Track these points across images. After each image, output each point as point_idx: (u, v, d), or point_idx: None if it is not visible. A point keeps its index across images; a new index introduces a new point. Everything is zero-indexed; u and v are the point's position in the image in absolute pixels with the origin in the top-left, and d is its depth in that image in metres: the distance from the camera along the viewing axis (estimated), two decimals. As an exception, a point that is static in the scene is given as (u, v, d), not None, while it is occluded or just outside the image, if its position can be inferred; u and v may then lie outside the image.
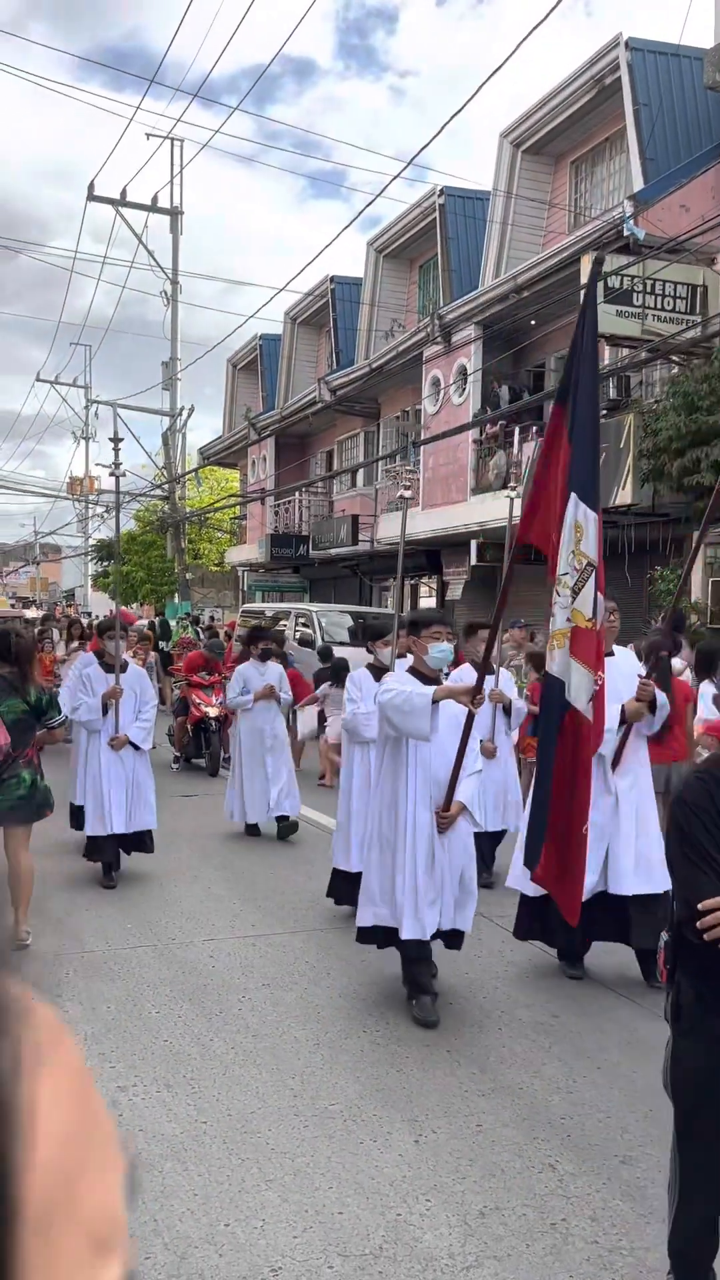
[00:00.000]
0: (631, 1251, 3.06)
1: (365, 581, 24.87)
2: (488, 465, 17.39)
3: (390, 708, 4.61)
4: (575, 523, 4.44)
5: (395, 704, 4.58)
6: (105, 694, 6.93)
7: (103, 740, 6.98)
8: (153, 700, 7.28)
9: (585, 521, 4.44)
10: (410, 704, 4.52)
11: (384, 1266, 2.94)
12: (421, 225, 20.68)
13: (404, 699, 4.55)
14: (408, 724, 4.56)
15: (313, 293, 25.70)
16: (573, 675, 4.47)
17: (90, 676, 7.06)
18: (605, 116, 15.73)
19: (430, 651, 4.81)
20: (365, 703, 6.11)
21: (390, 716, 4.64)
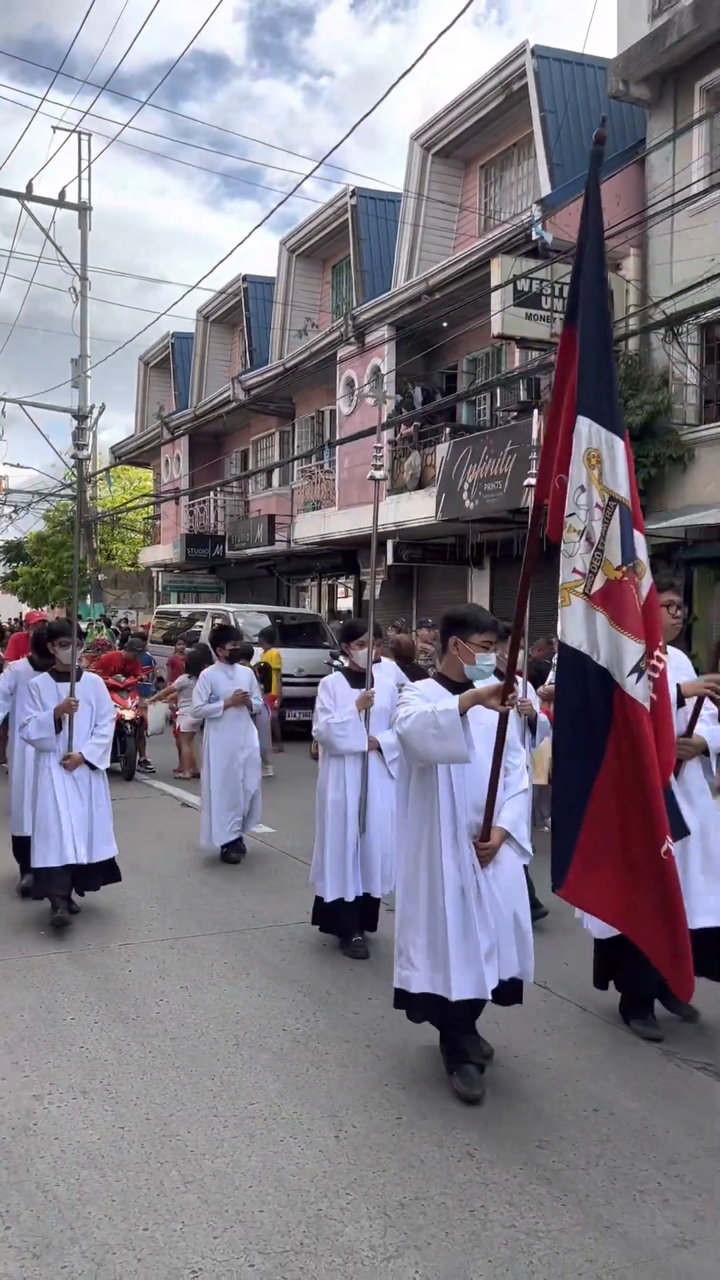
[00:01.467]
0: (548, 1234, 3.12)
1: (283, 581, 24.82)
2: (402, 466, 17.51)
3: (414, 735, 3.78)
4: (589, 451, 3.47)
5: (419, 730, 3.75)
6: (58, 708, 6.04)
7: (54, 760, 6.11)
8: (111, 712, 6.37)
9: (605, 448, 3.47)
10: (439, 725, 3.69)
11: (304, 1262, 2.95)
12: (334, 225, 20.74)
13: (428, 721, 3.73)
14: (441, 748, 3.75)
15: (225, 291, 25.56)
16: (612, 645, 3.46)
17: (38, 688, 6.20)
18: (514, 122, 15.99)
19: (477, 662, 4.00)
20: (339, 711, 5.70)
21: (416, 747, 3.81)
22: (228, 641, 8.17)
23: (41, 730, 6.05)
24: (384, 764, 5.76)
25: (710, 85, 12.72)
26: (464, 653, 4.04)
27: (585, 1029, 4.71)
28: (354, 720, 5.69)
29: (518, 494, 13.66)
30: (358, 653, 5.84)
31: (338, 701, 5.77)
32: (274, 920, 6.34)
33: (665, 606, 4.57)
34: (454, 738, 3.70)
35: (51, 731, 6.06)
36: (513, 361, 15.99)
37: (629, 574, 3.48)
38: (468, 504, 14.78)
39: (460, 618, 4.10)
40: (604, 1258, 3.01)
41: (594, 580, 3.51)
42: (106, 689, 6.48)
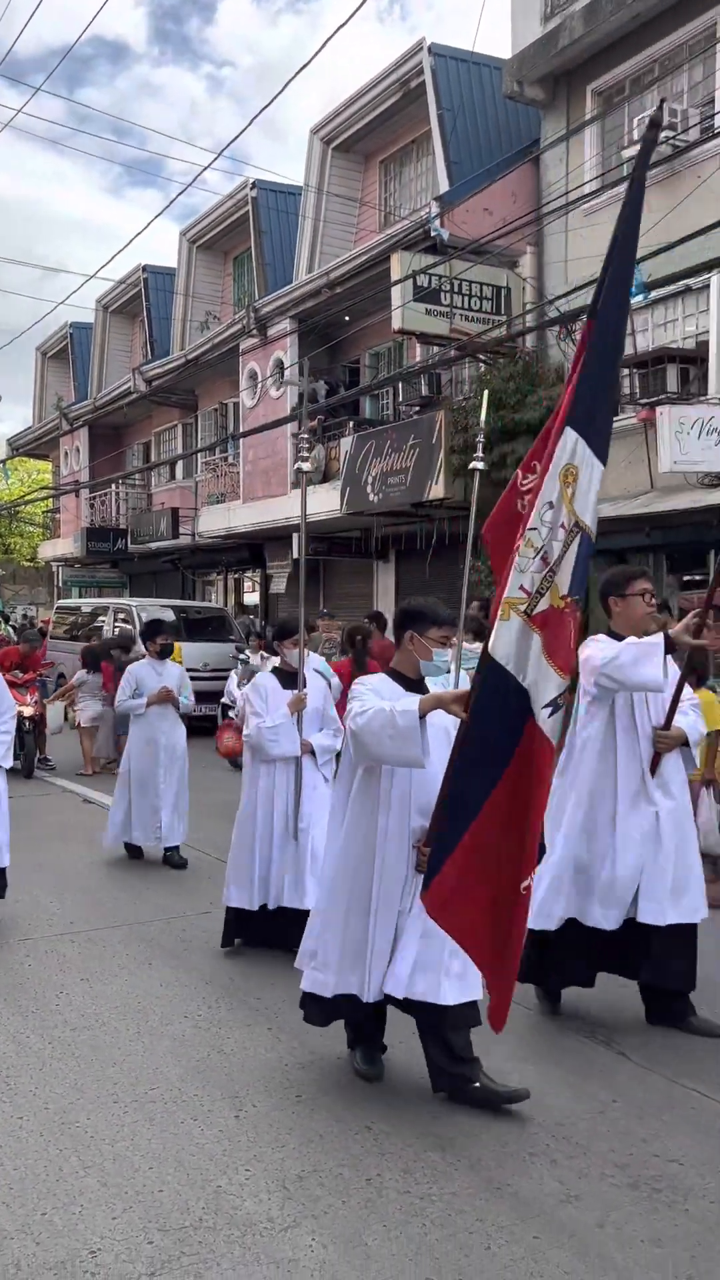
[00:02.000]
0: (442, 1197, 3.24)
1: (188, 576, 24.63)
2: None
3: (369, 734, 3.60)
4: (567, 467, 3.30)
5: (375, 728, 3.58)
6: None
7: None
8: (10, 709, 5.99)
9: (585, 468, 3.32)
10: (396, 726, 3.53)
11: (203, 1236, 3.01)
12: (235, 218, 20.64)
13: (385, 720, 3.56)
14: (396, 750, 3.59)
15: (125, 281, 25.19)
16: (539, 672, 3.34)
17: None
18: (412, 119, 16.15)
19: (434, 658, 3.87)
20: (271, 714, 5.39)
21: (370, 745, 3.63)
22: (158, 635, 7.78)
23: None
24: (317, 767, 5.51)
25: (601, 87, 13.07)
26: (420, 648, 3.87)
27: (481, 1005, 4.84)
28: (287, 724, 5.36)
29: (421, 488, 13.85)
30: (290, 652, 5.55)
31: (269, 704, 5.42)
32: (177, 912, 6.36)
33: (639, 595, 4.63)
34: (410, 741, 3.53)
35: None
36: (414, 356, 16.18)
37: (571, 607, 3.35)
38: (372, 498, 14.92)
39: (417, 611, 3.93)
40: (494, 1216, 3.14)
41: (538, 602, 3.34)
42: (5, 685, 6.15)
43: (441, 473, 13.51)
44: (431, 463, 13.66)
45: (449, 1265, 2.90)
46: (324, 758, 5.50)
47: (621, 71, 12.75)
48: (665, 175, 11.71)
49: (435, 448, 13.60)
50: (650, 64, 12.48)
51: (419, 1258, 2.93)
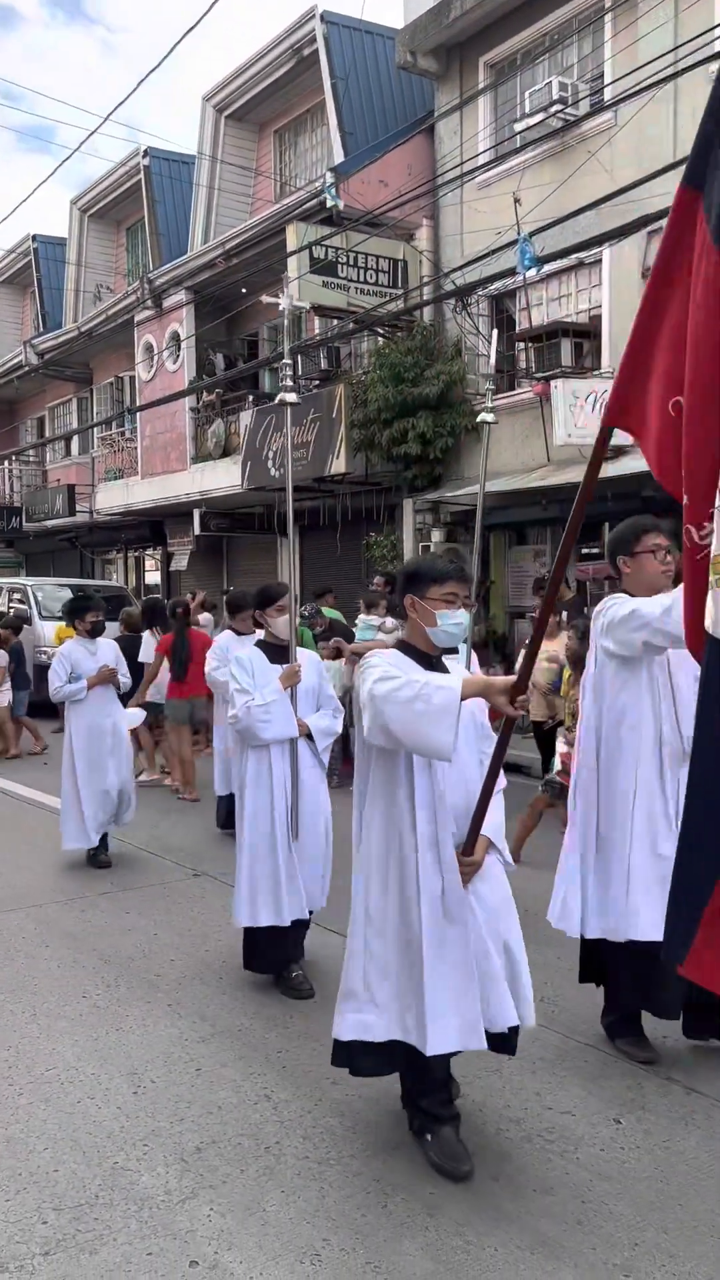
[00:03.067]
0: (339, 1160, 3.27)
1: (86, 554, 24.13)
2: (206, 434, 17.34)
3: (394, 703, 2.90)
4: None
5: (401, 698, 2.89)
6: None
7: None
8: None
9: None
10: (429, 700, 2.85)
11: (99, 1213, 2.98)
12: (127, 186, 20.17)
13: (415, 691, 2.88)
14: (422, 731, 2.88)
15: (15, 250, 24.41)
16: None
17: None
18: (305, 88, 15.96)
19: (439, 622, 3.18)
20: (261, 691, 4.63)
21: (392, 719, 2.91)
22: (87, 613, 7.17)
23: None
24: (315, 753, 4.81)
25: (494, 60, 13.12)
26: (424, 613, 3.20)
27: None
28: (280, 700, 4.62)
29: (323, 463, 13.81)
30: (277, 620, 4.83)
31: (256, 679, 4.68)
32: (75, 893, 6.26)
33: (651, 553, 3.86)
34: (444, 724, 2.86)
35: None
36: (312, 330, 16.08)
37: None
38: (273, 473, 14.81)
39: (413, 571, 3.30)
40: (391, 1175, 3.18)
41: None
42: None
43: (343, 447, 13.49)
44: (332, 437, 13.63)
45: (346, 1225, 2.93)
46: (323, 742, 4.82)
47: (513, 44, 12.81)
48: (556, 149, 11.83)
49: (335, 422, 13.57)
50: (541, 37, 12.57)
51: (316, 1219, 2.95)
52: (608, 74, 11.46)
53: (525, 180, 11.92)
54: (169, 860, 6.99)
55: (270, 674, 4.71)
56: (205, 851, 7.16)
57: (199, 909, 5.88)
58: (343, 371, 15.12)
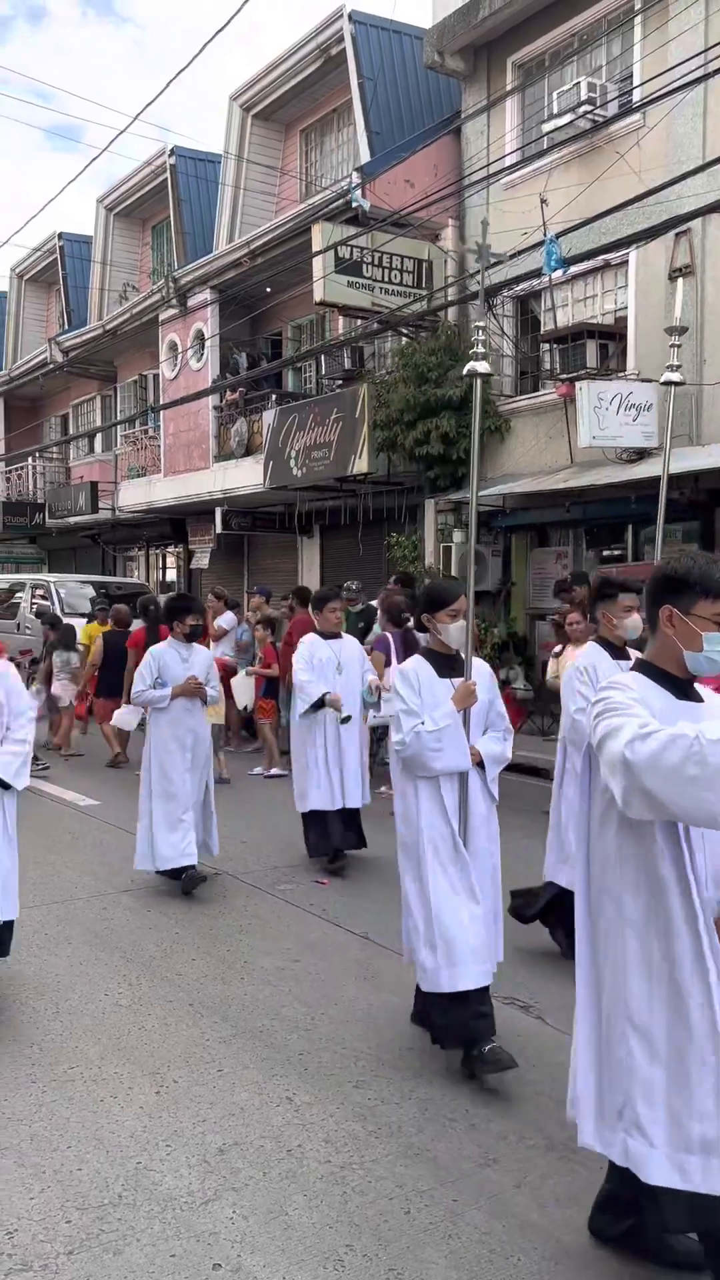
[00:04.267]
0: (362, 1164, 3.27)
1: (108, 551, 24.23)
2: (229, 432, 17.36)
3: (659, 772, 2.31)
4: None
5: (670, 763, 2.29)
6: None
7: None
8: (29, 709, 4.65)
9: None
10: (703, 761, 2.24)
11: (123, 1213, 2.99)
12: (153, 185, 20.22)
13: (684, 752, 2.27)
14: (701, 799, 2.28)
15: (41, 249, 24.53)
16: None
17: None
18: (332, 87, 15.95)
19: (706, 646, 2.57)
20: (432, 711, 3.94)
21: (658, 790, 2.32)
22: (187, 615, 6.49)
23: None
24: (485, 784, 4.12)
25: (522, 60, 13.06)
26: (686, 633, 2.60)
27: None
28: (453, 726, 3.91)
29: (345, 462, 13.80)
30: (449, 627, 4.07)
31: (424, 698, 3.94)
32: (97, 890, 6.28)
33: None
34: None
35: None
36: (337, 329, 16.07)
37: None
38: (295, 472, 14.82)
39: (679, 576, 2.61)
40: (413, 1181, 3.18)
41: None
42: (18, 681, 4.70)
43: (365, 447, 13.48)
44: (355, 437, 13.62)
45: (368, 1230, 2.92)
46: (494, 770, 4.15)
47: (541, 44, 12.76)
48: (584, 150, 11.78)
49: (358, 422, 13.55)
50: (570, 38, 12.51)
51: (339, 1225, 2.95)
52: (637, 75, 11.40)
53: (552, 181, 11.87)
54: (190, 859, 7.00)
55: (440, 692, 3.98)
56: (225, 850, 7.17)
57: (220, 908, 5.89)
58: (366, 371, 15.10)
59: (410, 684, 4.00)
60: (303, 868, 6.73)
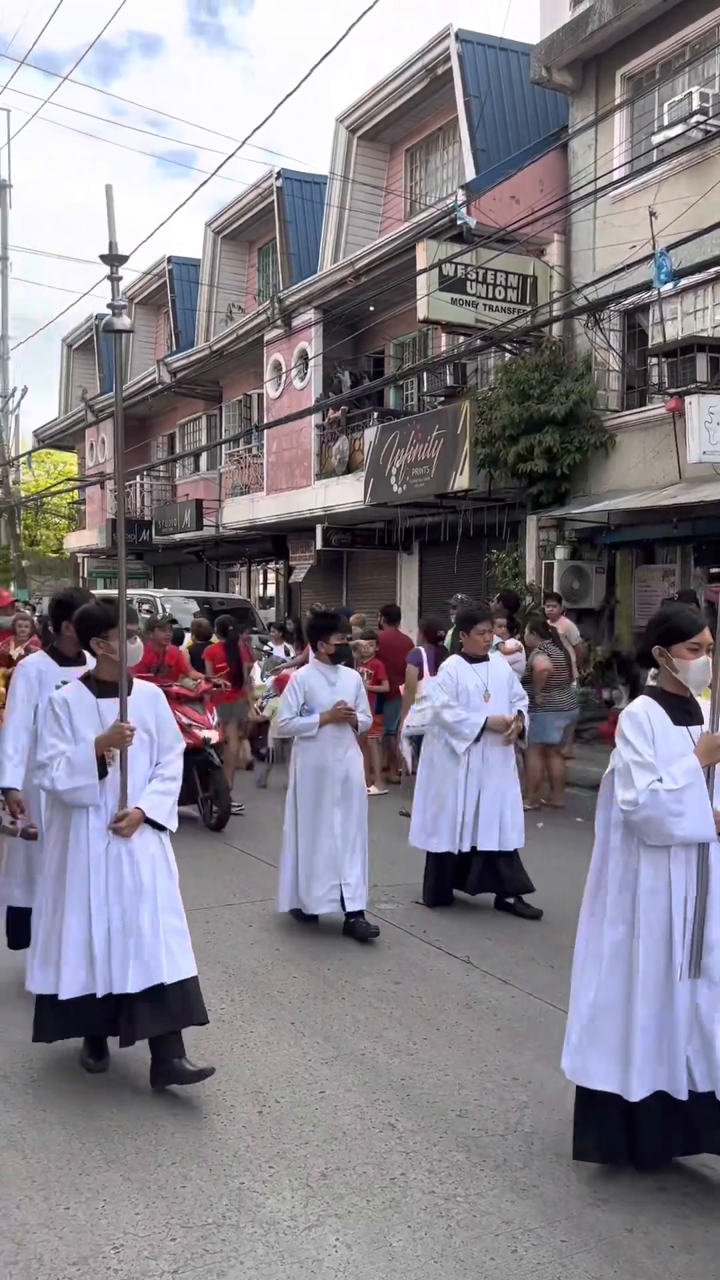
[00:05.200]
0: (467, 1198, 3.19)
1: (211, 567, 24.66)
2: (330, 450, 17.50)
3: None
4: None
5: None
6: (103, 738, 3.79)
7: (91, 823, 3.82)
8: (178, 744, 4.11)
9: None
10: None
11: (226, 1234, 2.98)
12: (260, 208, 20.57)
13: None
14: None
15: (150, 273, 25.20)
16: None
17: (68, 706, 3.89)
18: (438, 106, 16.01)
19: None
20: (671, 772, 3.24)
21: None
22: (332, 634, 5.88)
23: (76, 775, 3.77)
24: None
25: (631, 72, 12.90)
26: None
27: (506, 1001, 4.80)
28: (697, 785, 3.22)
29: (445, 479, 13.76)
30: (691, 664, 3.37)
31: (658, 749, 3.29)
32: (201, 904, 6.33)
33: None
34: None
35: (93, 777, 3.78)
36: (439, 346, 16.07)
37: None
38: (396, 489, 14.84)
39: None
40: (520, 1218, 3.09)
41: None
42: (168, 708, 4.17)
43: (466, 464, 13.42)
44: (456, 454, 13.57)
45: (474, 1268, 2.85)
46: None
47: (651, 56, 12.57)
48: (696, 161, 11.54)
49: (460, 438, 13.51)
50: (680, 48, 12.29)
51: (444, 1260, 2.88)
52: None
53: (662, 193, 11.65)
54: (290, 875, 7.01)
55: (676, 742, 3.32)
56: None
57: (320, 926, 5.87)
58: (469, 388, 15.05)
59: (642, 731, 3.30)
60: (402, 887, 6.68)
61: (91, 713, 3.87)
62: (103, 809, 3.83)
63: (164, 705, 4.10)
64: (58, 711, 3.88)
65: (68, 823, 3.85)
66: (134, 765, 3.87)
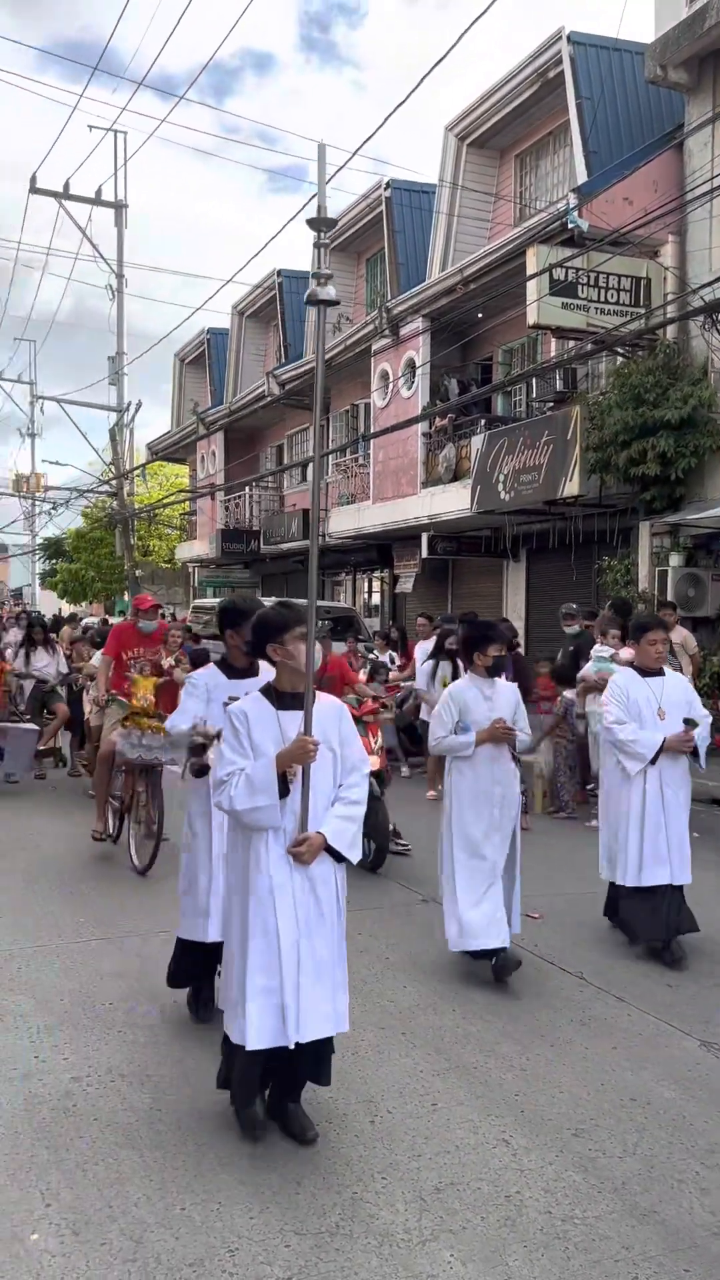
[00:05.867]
0: (585, 1220, 3.11)
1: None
2: (437, 458, 17.46)
3: None
4: None
5: None
6: (285, 754, 3.42)
7: (272, 849, 3.46)
8: (363, 765, 3.76)
9: None
10: None
11: (340, 1243, 2.96)
12: (368, 219, 20.70)
13: None
14: None
15: (260, 286, 25.61)
16: None
17: (246, 718, 3.54)
18: (549, 110, 15.85)
19: None
20: None
21: None
22: (489, 645, 5.40)
23: (256, 794, 3.40)
24: None
25: (750, 68, 12.53)
26: None
27: (622, 1019, 4.68)
28: None
29: (554, 485, 13.57)
30: None
31: None
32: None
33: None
34: None
35: (273, 795, 3.41)
36: (549, 351, 15.88)
37: None
38: (503, 496, 14.71)
39: None
40: (641, 1245, 2.99)
41: None
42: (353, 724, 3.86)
43: (576, 469, 13.21)
44: (566, 460, 13.37)
45: (595, 1294, 2.77)
46: None
47: (772, 49, 12.20)
48: None
49: (570, 444, 13.30)
50: None
51: (563, 1283, 2.81)
52: None
53: (783, 189, 11.27)
54: (397, 882, 6.99)
55: None
56: (433, 877, 7.11)
57: (433, 937, 5.82)
58: (579, 393, 14.82)
59: None
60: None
61: (272, 726, 3.54)
62: (281, 833, 3.48)
63: (349, 721, 3.75)
64: (236, 724, 3.56)
65: (247, 853, 3.51)
66: (316, 785, 3.51)
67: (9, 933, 5.73)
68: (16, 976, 5.04)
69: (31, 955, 5.36)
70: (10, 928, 5.82)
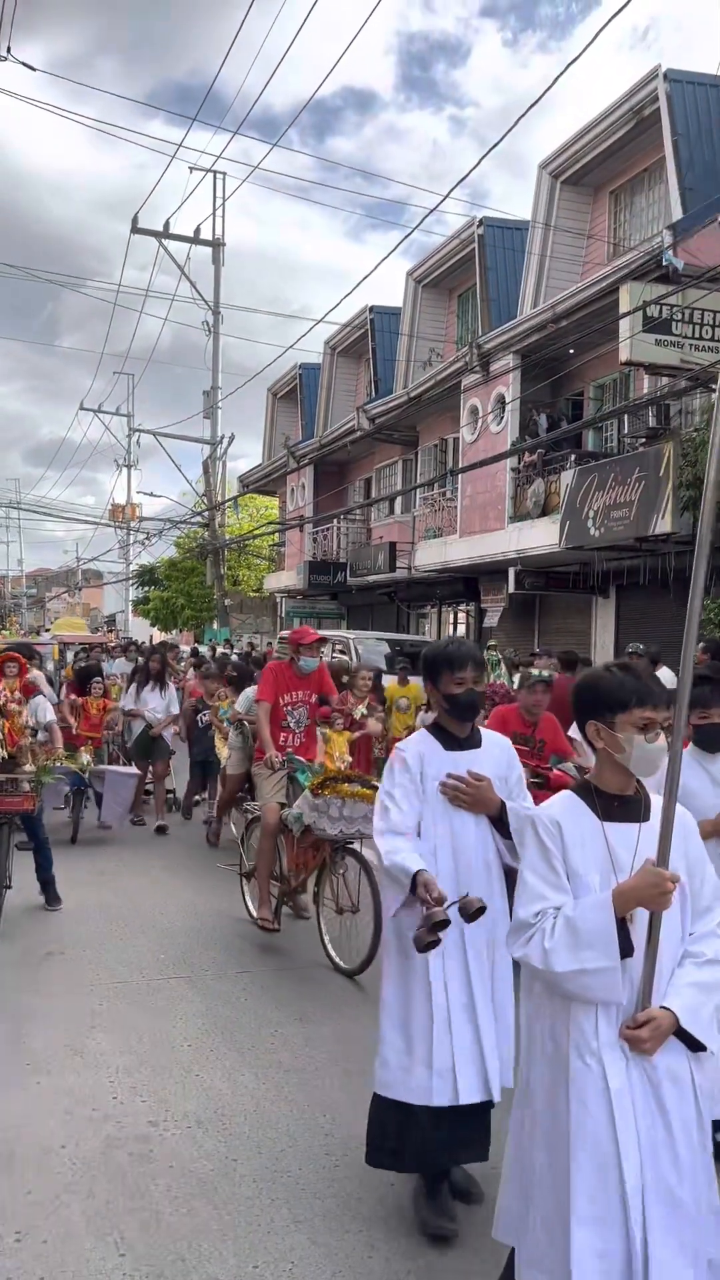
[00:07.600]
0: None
1: (402, 608, 24.90)
2: (525, 493, 17.37)
3: None
4: None
5: None
6: (630, 891, 2.30)
7: (602, 1033, 2.33)
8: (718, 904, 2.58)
9: None
10: None
11: None
12: (460, 256, 20.84)
13: None
14: None
15: (352, 323, 25.95)
16: None
17: (560, 831, 2.45)
18: (644, 147, 15.79)
19: None
20: None
21: None
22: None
23: (583, 949, 2.32)
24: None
25: None
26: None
27: None
28: None
29: (646, 522, 13.37)
30: None
31: None
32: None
33: None
34: None
35: (613, 954, 2.31)
36: (641, 388, 15.71)
37: None
38: (593, 531, 14.55)
39: None
40: None
41: None
42: None
43: (669, 506, 12.99)
44: (658, 496, 13.17)
45: None
46: None
47: None
48: None
49: (662, 480, 13.11)
50: None
51: None
52: None
53: None
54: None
55: None
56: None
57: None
58: (672, 430, 14.60)
59: None
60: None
61: (597, 844, 2.44)
62: (613, 1009, 2.35)
63: (696, 835, 2.53)
64: (546, 841, 2.45)
65: (561, 1035, 2.39)
66: (665, 936, 2.35)
67: (90, 969, 5.81)
68: (96, 1013, 5.09)
69: (111, 992, 5.42)
70: (91, 963, 5.90)
